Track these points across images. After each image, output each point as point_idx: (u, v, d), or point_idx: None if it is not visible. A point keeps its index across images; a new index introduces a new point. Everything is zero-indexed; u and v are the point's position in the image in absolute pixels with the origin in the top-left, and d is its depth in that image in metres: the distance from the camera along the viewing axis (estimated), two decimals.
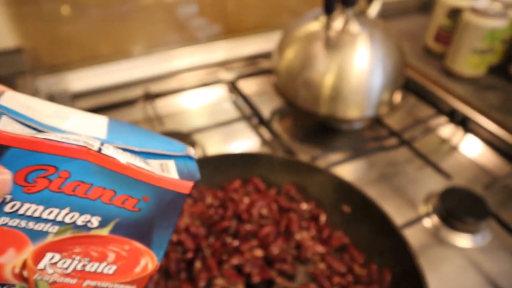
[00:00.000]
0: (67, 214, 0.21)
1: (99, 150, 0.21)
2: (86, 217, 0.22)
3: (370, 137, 0.71)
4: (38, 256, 0.22)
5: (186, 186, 0.22)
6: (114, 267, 0.24)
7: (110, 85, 0.78)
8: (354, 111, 0.67)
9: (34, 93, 0.71)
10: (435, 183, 0.61)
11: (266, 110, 0.72)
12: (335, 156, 0.65)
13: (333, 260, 0.46)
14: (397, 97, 0.71)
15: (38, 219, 0.21)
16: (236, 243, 0.47)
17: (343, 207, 0.50)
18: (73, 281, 0.23)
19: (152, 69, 0.81)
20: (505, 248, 0.53)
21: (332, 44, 0.64)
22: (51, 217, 0.21)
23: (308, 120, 0.72)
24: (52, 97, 0.75)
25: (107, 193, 0.22)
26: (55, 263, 0.22)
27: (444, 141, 0.71)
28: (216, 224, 0.48)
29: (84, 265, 0.23)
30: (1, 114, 0.19)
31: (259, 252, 0.47)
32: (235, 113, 0.74)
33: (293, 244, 0.48)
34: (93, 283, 0.24)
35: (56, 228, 0.21)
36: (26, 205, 0.20)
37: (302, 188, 0.54)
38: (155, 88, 0.76)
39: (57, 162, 0.20)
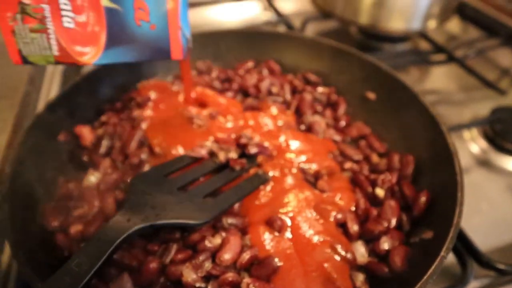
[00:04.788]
0: None
1: None
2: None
3: (413, 51, 0.62)
4: None
5: None
6: (72, 25, 0.29)
7: None
8: (399, 21, 0.58)
9: None
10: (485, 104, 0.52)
11: (297, 20, 0.64)
12: None
13: (347, 147, 0.39)
14: (450, 17, 0.61)
15: None
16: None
17: (368, 94, 0.43)
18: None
19: None
20: None
21: None
22: None
23: (343, 38, 0.65)
24: None
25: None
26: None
27: (501, 68, 0.60)
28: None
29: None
30: None
31: None
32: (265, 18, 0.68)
33: (305, 126, 0.41)
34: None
35: None
36: None
37: (324, 74, 0.46)
38: None
39: None
